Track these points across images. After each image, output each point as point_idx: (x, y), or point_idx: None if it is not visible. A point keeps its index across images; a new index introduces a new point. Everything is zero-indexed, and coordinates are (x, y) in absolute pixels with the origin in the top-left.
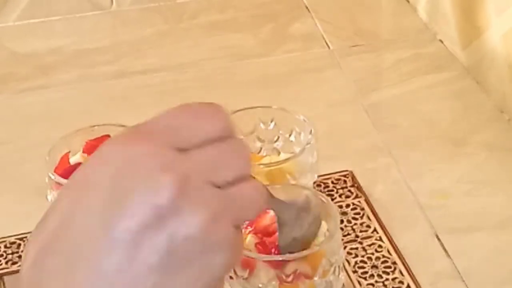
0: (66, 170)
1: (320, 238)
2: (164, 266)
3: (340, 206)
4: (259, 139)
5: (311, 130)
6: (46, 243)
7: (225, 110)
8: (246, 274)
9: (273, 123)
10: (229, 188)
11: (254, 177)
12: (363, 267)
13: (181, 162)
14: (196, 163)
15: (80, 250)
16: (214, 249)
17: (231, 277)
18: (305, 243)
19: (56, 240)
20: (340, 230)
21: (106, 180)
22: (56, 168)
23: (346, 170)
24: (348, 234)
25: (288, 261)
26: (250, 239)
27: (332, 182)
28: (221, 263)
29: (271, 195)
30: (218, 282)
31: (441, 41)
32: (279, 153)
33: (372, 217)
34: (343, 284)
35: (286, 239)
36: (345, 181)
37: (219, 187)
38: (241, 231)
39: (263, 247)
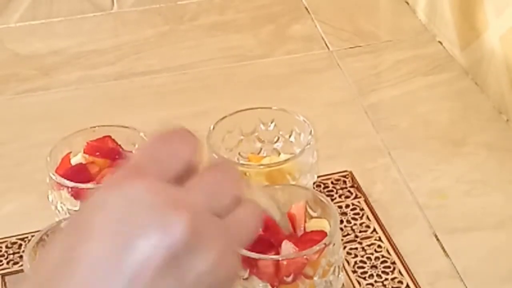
0: (67, 171)
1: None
2: None
3: (340, 207)
4: (259, 140)
5: (311, 131)
6: None
7: (191, 132)
8: (246, 274)
9: (273, 124)
10: (228, 215)
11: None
12: (362, 267)
13: (184, 197)
14: (196, 195)
15: None
16: (222, 281)
17: None
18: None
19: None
20: (339, 230)
21: (108, 224)
22: (57, 168)
23: (346, 171)
24: (348, 234)
25: (288, 260)
26: None
27: (332, 183)
28: None
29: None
30: None
31: (440, 42)
32: (279, 154)
33: (371, 217)
34: (343, 284)
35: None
36: (344, 182)
37: (219, 215)
38: (239, 256)
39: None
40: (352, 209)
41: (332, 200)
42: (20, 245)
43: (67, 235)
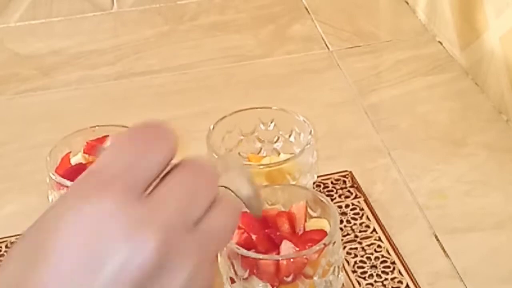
0: (67, 171)
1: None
2: None
3: (340, 207)
4: (259, 140)
5: (310, 131)
6: None
7: (168, 126)
8: (246, 275)
9: (273, 124)
10: (203, 222)
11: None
12: (362, 267)
13: (154, 212)
14: (167, 208)
15: None
16: None
17: (232, 280)
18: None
19: None
20: (339, 230)
21: (74, 245)
22: (57, 168)
23: (346, 171)
24: (348, 234)
25: (288, 260)
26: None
27: (332, 183)
28: None
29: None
30: None
31: (440, 42)
32: (279, 154)
33: (371, 217)
34: (343, 284)
35: (254, 206)
36: (344, 182)
37: (193, 222)
38: (216, 262)
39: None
40: (352, 209)
41: (332, 200)
42: None
43: (26, 252)
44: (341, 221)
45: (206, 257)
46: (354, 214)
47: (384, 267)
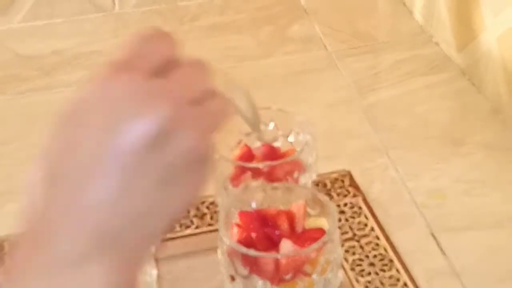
0: None
1: None
2: (167, 179)
3: (338, 205)
4: (259, 139)
5: (310, 131)
6: (49, 173)
7: (169, 32)
8: (246, 273)
9: (272, 124)
10: (204, 103)
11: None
12: (360, 265)
13: (164, 87)
14: (174, 86)
15: (85, 172)
16: (203, 159)
17: (232, 278)
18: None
19: (58, 171)
20: (338, 229)
21: (101, 110)
22: None
23: (344, 170)
24: (346, 232)
25: (287, 258)
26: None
27: (331, 182)
28: (208, 170)
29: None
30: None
31: (437, 43)
32: None
33: (369, 216)
34: (341, 282)
35: (251, 119)
36: (343, 181)
37: (193, 104)
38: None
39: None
40: (350, 208)
41: (331, 198)
42: None
43: (64, 125)
44: (340, 220)
45: (209, 130)
46: (353, 212)
47: (382, 265)
